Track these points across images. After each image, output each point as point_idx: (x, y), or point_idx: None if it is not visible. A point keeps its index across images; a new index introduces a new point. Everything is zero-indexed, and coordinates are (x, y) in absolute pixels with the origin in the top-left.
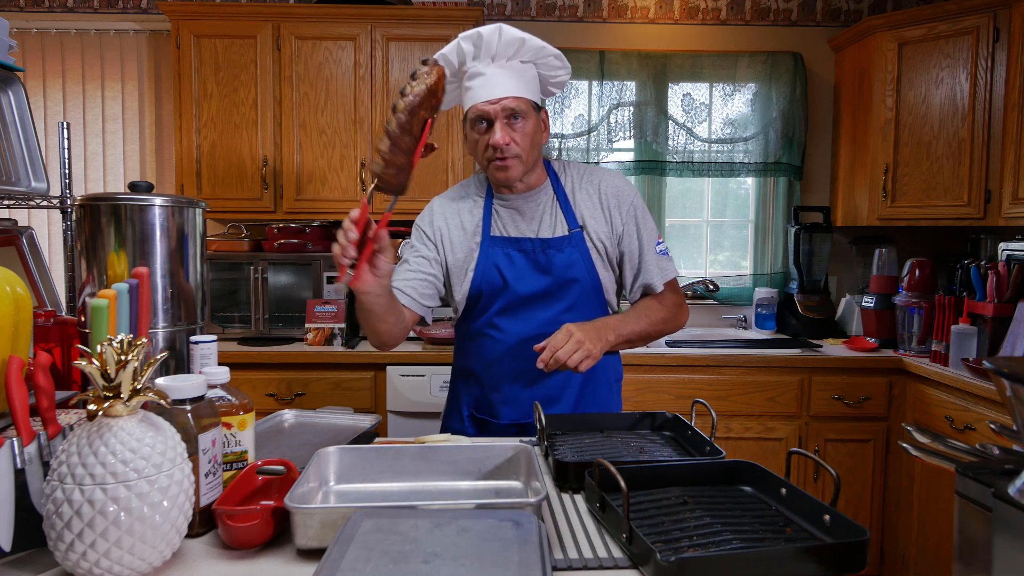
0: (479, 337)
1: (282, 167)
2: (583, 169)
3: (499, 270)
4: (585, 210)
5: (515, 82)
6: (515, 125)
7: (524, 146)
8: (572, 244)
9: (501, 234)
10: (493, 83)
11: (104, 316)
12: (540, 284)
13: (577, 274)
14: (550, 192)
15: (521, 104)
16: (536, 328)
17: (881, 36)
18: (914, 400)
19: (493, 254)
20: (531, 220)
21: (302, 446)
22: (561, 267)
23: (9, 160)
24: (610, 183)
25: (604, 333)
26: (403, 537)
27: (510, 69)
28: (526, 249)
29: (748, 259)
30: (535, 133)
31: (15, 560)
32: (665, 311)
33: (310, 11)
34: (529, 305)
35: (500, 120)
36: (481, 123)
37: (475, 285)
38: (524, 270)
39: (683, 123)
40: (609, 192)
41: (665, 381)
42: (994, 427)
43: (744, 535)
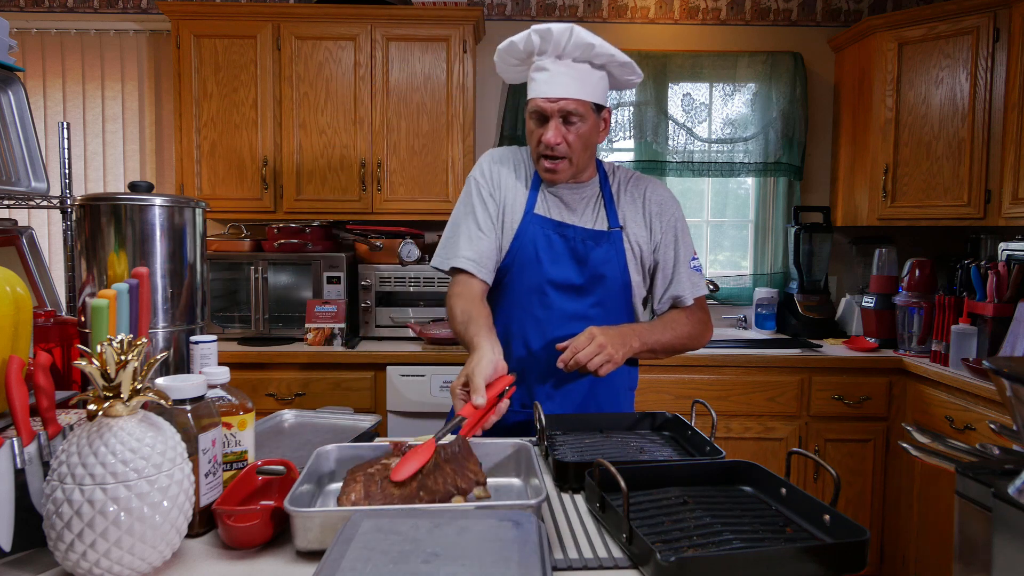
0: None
1: (282, 167)
2: (632, 174)
3: (536, 249)
4: (627, 212)
5: (577, 83)
6: (570, 126)
7: (576, 148)
8: (610, 241)
9: (544, 214)
10: (555, 81)
11: (104, 316)
12: (572, 273)
13: (610, 271)
14: (596, 189)
15: (580, 106)
16: (557, 315)
17: (881, 36)
18: (914, 400)
19: (533, 232)
20: (574, 211)
21: (302, 446)
22: (596, 261)
23: (9, 160)
24: (656, 192)
25: (628, 339)
26: (403, 537)
27: (575, 69)
28: (567, 235)
29: (748, 259)
30: (590, 134)
31: (15, 560)
32: (691, 326)
33: (310, 11)
34: (556, 292)
35: (555, 119)
36: (537, 117)
37: (511, 254)
38: (561, 255)
39: (683, 123)
40: (653, 200)
41: (665, 381)
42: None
43: (744, 535)
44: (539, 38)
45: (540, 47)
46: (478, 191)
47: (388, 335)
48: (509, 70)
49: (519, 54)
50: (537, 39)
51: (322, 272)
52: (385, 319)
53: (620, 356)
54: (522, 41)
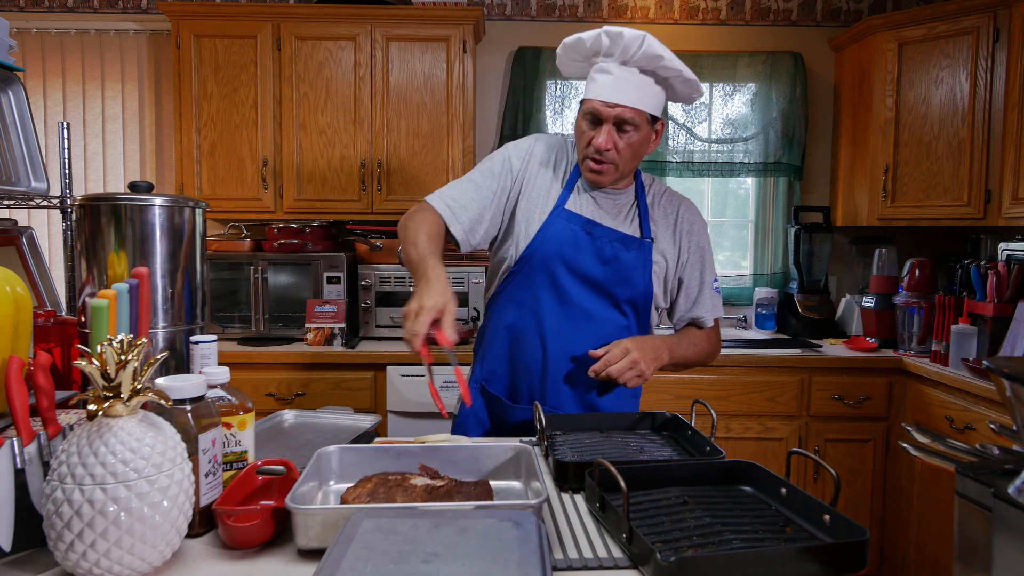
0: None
1: (282, 167)
2: (666, 189)
3: (560, 244)
4: (659, 226)
5: (637, 92)
6: (623, 134)
7: (624, 156)
8: (640, 249)
9: (576, 211)
10: (616, 86)
11: (104, 316)
12: (595, 273)
13: (635, 277)
14: (632, 197)
15: (636, 116)
16: (576, 314)
17: (881, 36)
18: (914, 400)
19: (560, 226)
20: (606, 213)
21: (302, 446)
22: (623, 264)
23: (9, 160)
24: (688, 211)
25: (660, 353)
26: (403, 537)
27: (639, 78)
28: (594, 234)
29: (748, 259)
30: (640, 144)
31: (15, 560)
32: (709, 345)
33: (310, 11)
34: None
35: (609, 124)
36: (591, 118)
37: (531, 247)
38: (586, 254)
39: (683, 123)
40: (685, 219)
41: (665, 381)
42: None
43: (744, 535)
44: (609, 40)
45: (608, 49)
46: (503, 163)
47: (388, 335)
48: (570, 65)
49: (585, 52)
50: (607, 40)
51: (322, 272)
52: (385, 319)
53: (651, 372)
54: (590, 39)
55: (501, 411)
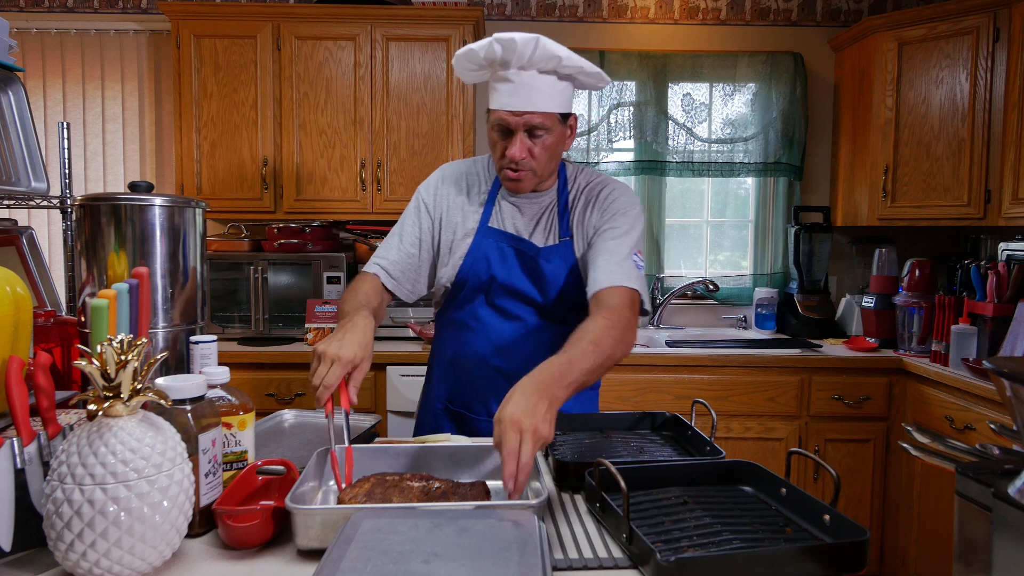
0: (461, 329)
1: (282, 167)
2: (593, 176)
3: (488, 263)
4: (578, 217)
5: (542, 95)
6: (536, 139)
7: (541, 160)
8: (559, 254)
9: (498, 227)
10: (519, 93)
11: (104, 316)
12: (527, 288)
13: (563, 284)
14: (554, 197)
15: (546, 119)
16: (518, 328)
17: (881, 36)
18: (914, 400)
19: (486, 246)
20: (529, 222)
21: (302, 446)
22: (548, 277)
23: (9, 160)
24: (611, 190)
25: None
26: (403, 537)
27: (541, 80)
28: (520, 249)
29: (748, 259)
30: (556, 145)
31: (15, 560)
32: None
33: (310, 11)
34: (513, 304)
35: (520, 132)
36: (501, 128)
37: (462, 272)
38: (514, 269)
39: (683, 123)
40: (606, 197)
41: (665, 381)
42: (994, 427)
43: (744, 535)
44: (501, 48)
45: (503, 57)
46: (416, 208)
47: (388, 335)
48: (468, 74)
49: (479, 61)
50: (499, 48)
51: (322, 272)
52: (385, 319)
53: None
54: (482, 49)
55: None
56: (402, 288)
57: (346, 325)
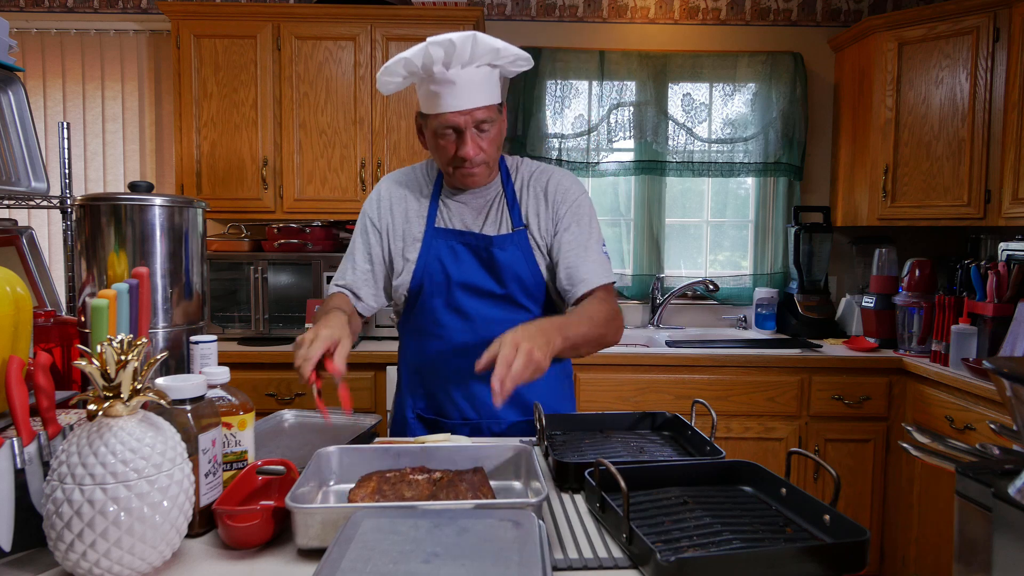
0: (423, 336)
1: (282, 167)
2: (535, 167)
3: (442, 263)
4: (530, 208)
5: (484, 89)
6: (483, 134)
7: (491, 152)
8: (515, 243)
9: (445, 226)
10: (463, 93)
11: (104, 316)
12: (484, 281)
13: (521, 272)
14: (499, 188)
15: (490, 112)
16: (480, 326)
17: (881, 36)
18: (914, 400)
19: (436, 246)
20: (477, 215)
21: (302, 446)
22: (504, 265)
23: (9, 160)
24: (558, 181)
25: (551, 337)
26: (403, 537)
27: (479, 75)
28: (470, 244)
29: (748, 259)
30: (499, 136)
31: (15, 560)
32: (605, 314)
33: (310, 11)
34: (473, 302)
35: (470, 130)
36: (448, 132)
37: (416, 278)
38: (468, 264)
39: (683, 123)
40: (556, 189)
41: (665, 381)
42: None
43: (744, 535)
44: (441, 50)
45: (444, 59)
46: (363, 224)
47: (388, 335)
48: (389, 84)
49: (414, 68)
50: (440, 51)
51: (322, 272)
52: (385, 319)
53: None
54: (418, 56)
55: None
56: (364, 304)
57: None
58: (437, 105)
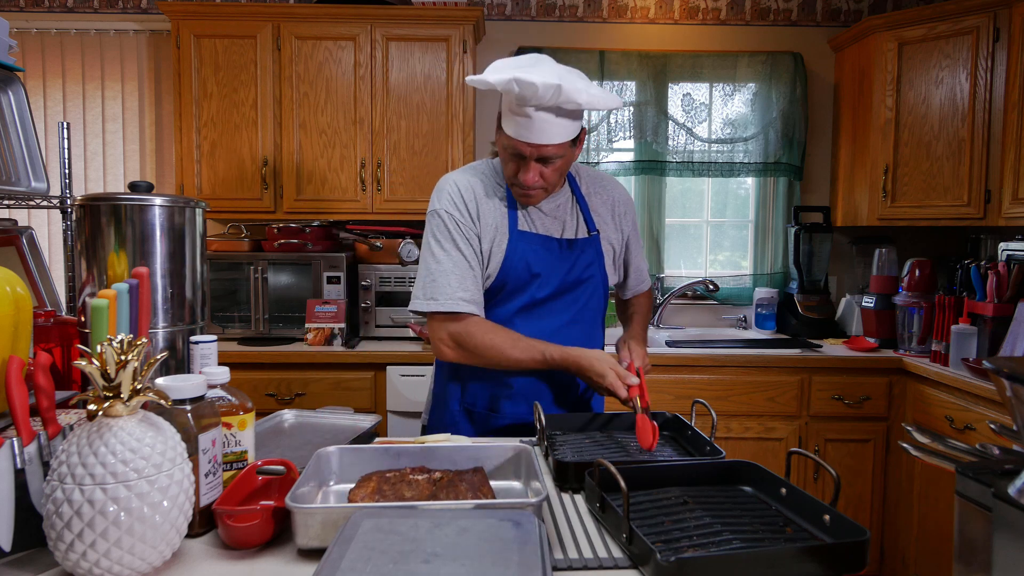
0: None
1: (282, 167)
2: (594, 175)
3: (528, 264)
4: (600, 216)
5: (557, 129)
6: (547, 164)
7: (551, 180)
8: (592, 246)
9: (529, 230)
10: (536, 128)
11: (104, 316)
12: (565, 282)
13: (595, 273)
14: (569, 194)
15: (559, 149)
16: (553, 327)
17: (881, 36)
18: (914, 400)
19: (522, 248)
20: (555, 220)
21: (302, 446)
22: (583, 267)
23: (9, 160)
24: (620, 194)
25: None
26: (403, 537)
27: (558, 118)
28: (552, 248)
29: (748, 259)
30: (565, 165)
31: (15, 560)
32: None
33: (310, 11)
34: (548, 303)
35: (533, 160)
36: (515, 154)
37: (501, 276)
38: (553, 267)
39: (683, 123)
40: (620, 202)
41: (665, 381)
42: (994, 427)
43: (744, 535)
44: (520, 89)
45: (521, 98)
46: (456, 227)
47: (388, 335)
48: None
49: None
50: (518, 89)
51: (322, 272)
52: (385, 319)
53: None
54: (501, 85)
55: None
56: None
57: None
58: (509, 127)
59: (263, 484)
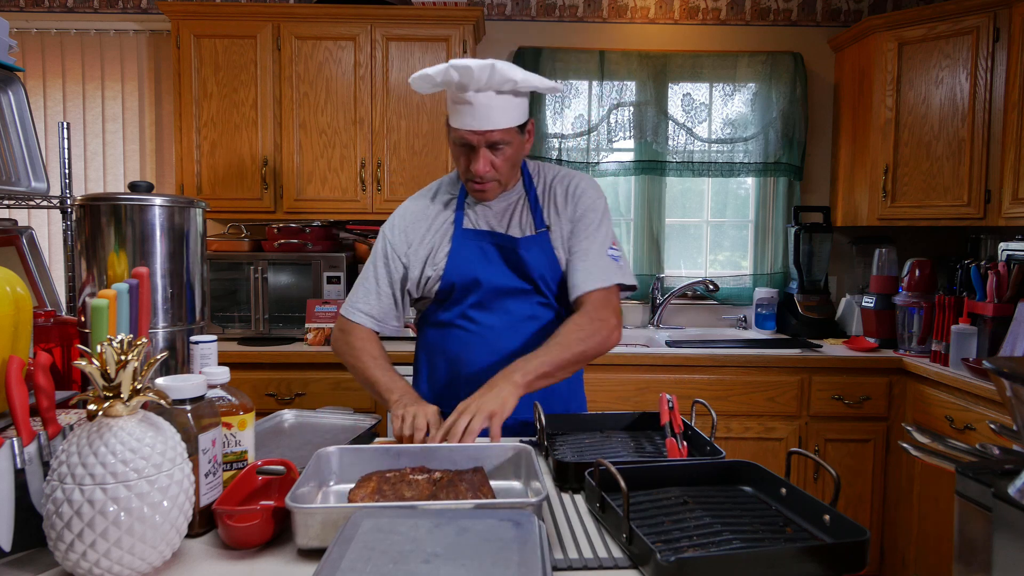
0: (450, 328)
1: (282, 167)
2: (558, 171)
3: (472, 264)
4: (552, 211)
5: (502, 113)
6: (497, 152)
7: (503, 170)
8: (538, 244)
9: (474, 227)
10: (479, 114)
11: (104, 316)
12: (513, 280)
13: (545, 272)
14: (521, 192)
15: (506, 135)
16: (511, 321)
17: (881, 36)
18: (914, 400)
19: (466, 247)
20: (502, 218)
21: (302, 446)
22: (531, 265)
23: (9, 160)
24: (577, 184)
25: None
26: (403, 537)
27: (498, 100)
28: (499, 244)
29: (748, 259)
30: (516, 154)
31: (15, 560)
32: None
33: (310, 11)
34: (503, 299)
35: (482, 148)
36: (464, 145)
37: (447, 278)
38: (498, 264)
39: (683, 123)
40: (573, 192)
41: (665, 381)
42: (994, 427)
43: (744, 535)
44: (457, 74)
45: (460, 82)
46: (383, 247)
47: (387, 335)
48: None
49: (436, 84)
50: (456, 75)
51: (322, 272)
52: None
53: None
54: (439, 75)
55: None
56: (387, 328)
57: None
58: (455, 119)
59: (263, 484)
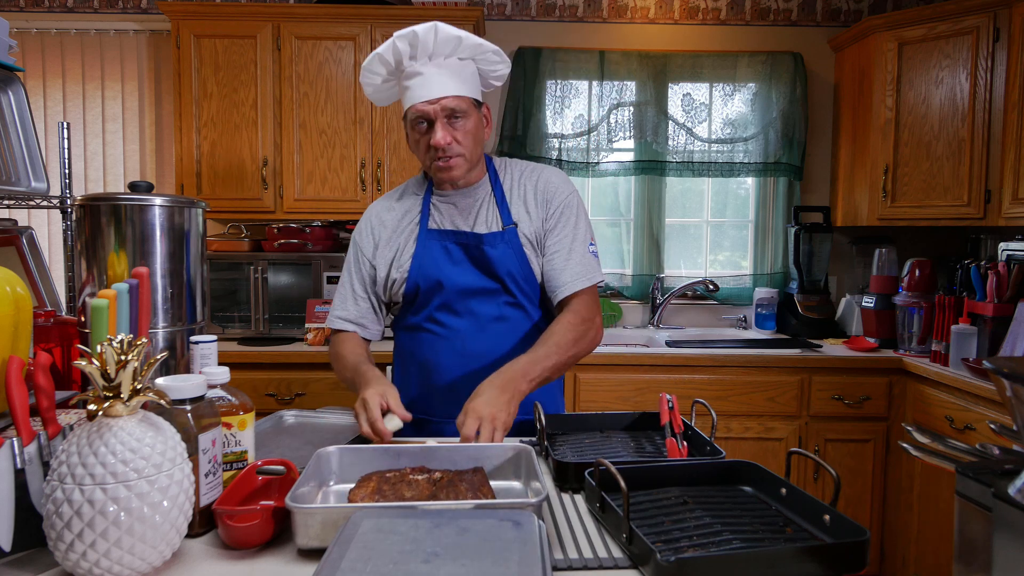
0: (419, 332)
1: (282, 167)
2: (525, 166)
3: (437, 264)
4: (520, 206)
5: (454, 81)
6: (456, 124)
7: (467, 144)
8: (505, 240)
9: (438, 227)
10: (431, 83)
11: (104, 316)
12: (478, 279)
13: (513, 269)
14: (487, 188)
15: (461, 103)
16: (478, 323)
17: (881, 36)
18: (914, 400)
19: (430, 247)
20: (467, 215)
21: (302, 446)
22: (496, 262)
23: (9, 160)
24: (548, 179)
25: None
26: (403, 537)
27: (448, 67)
28: (464, 243)
29: (748, 259)
30: (477, 130)
31: (15, 560)
32: (574, 331)
33: (310, 11)
34: (468, 300)
35: (440, 120)
36: (422, 123)
37: (411, 280)
38: (463, 264)
39: (683, 123)
40: (545, 188)
41: (665, 381)
42: (994, 427)
43: (744, 535)
44: (406, 43)
45: (410, 52)
46: (355, 254)
47: (388, 335)
48: (380, 90)
49: (388, 65)
50: (405, 45)
51: (322, 272)
52: None
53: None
54: (387, 51)
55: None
56: (371, 331)
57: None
58: (409, 98)
59: (263, 484)
